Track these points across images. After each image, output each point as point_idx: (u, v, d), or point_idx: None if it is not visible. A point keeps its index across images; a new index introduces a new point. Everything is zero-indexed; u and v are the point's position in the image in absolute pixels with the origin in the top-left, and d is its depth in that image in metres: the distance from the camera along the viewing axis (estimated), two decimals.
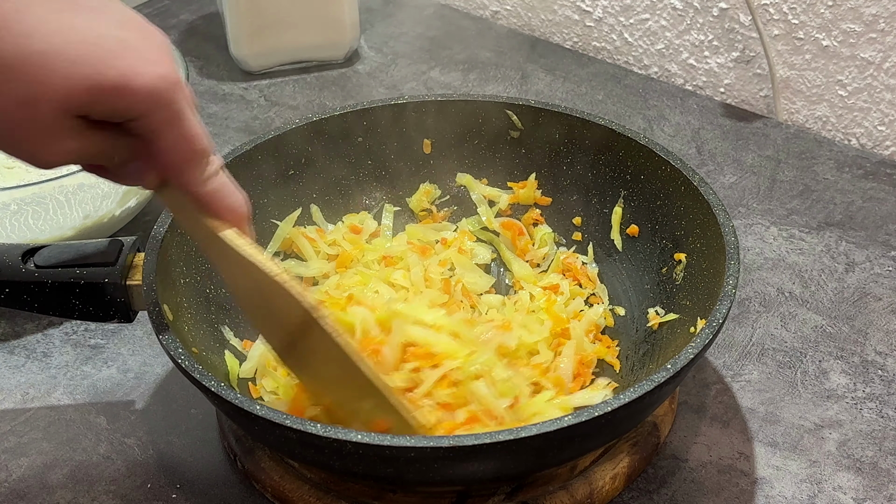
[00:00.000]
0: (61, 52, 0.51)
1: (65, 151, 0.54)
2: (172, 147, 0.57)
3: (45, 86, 0.51)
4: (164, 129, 0.56)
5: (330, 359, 0.66)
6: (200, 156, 0.59)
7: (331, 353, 0.66)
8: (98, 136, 0.55)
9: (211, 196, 0.61)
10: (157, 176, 0.60)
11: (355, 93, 1.16)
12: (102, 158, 0.57)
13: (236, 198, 0.62)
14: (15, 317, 0.87)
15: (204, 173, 0.60)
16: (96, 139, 0.55)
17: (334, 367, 0.66)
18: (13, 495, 0.73)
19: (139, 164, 0.59)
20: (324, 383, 0.69)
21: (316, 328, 0.65)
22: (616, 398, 0.62)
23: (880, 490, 0.72)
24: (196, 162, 0.59)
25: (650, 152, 0.81)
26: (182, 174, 0.59)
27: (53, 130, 0.53)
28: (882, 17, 1.01)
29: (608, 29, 1.21)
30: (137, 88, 0.53)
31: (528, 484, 0.70)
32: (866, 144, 1.07)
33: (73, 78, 0.52)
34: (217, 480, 0.74)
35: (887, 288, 0.88)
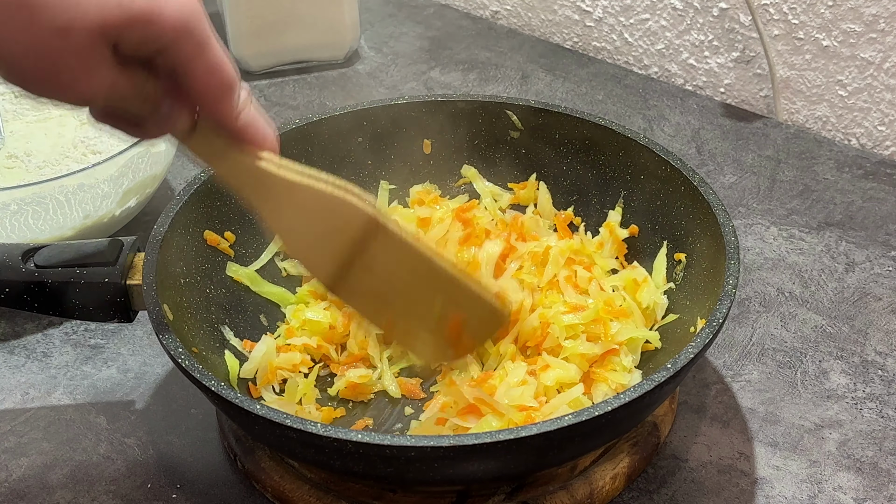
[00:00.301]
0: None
1: (99, 84, 0.54)
2: (203, 76, 0.57)
3: (80, 12, 0.51)
4: (194, 59, 0.56)
5: (395, 264, 0.65)
6: (231, 85, 0.59)
7: (396, 258, 0.64)
8: (130, 72, 0.55)
9: (245, 127, 0.60)
10: (189, 115, 0.59)
11: (355, 93, 1.16)
12: (135, 100, 0.57)
13: (269, 127, 0.62)
14: (15, 317, 0.87)
15: (236, 101, 0.60)
16: (128, 74, 0.55)
17: (400, 272, 0.65)
18: (13, 495, 0.73)
19: (170, 106, 0.59)
20: (385, 299, 0.67)
21: (379, 234, 0.63)
22: (616, 398, 0.62)
23: (880, 490, 0.72)
24: (228, 91, 0.59)
25: (650, 152, 0.81)
26: (215, 105, 0.59)
27: (89, 59, 0.53)
28: (882, 17, 1.01)
29: (608, 29, 1.21)
30: (166, 16, 0.53)
31: (528, 484, 0.70)
32: (866, 144, 1.07)
33: (105, 5, 0.52)
34: (217, 480, 0.74)
35: (887, 288, 0.88)
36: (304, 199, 0.62)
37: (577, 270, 0.80)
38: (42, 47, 0.52)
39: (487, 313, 0.67)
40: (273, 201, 0.63)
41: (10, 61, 0.53)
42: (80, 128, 0.97)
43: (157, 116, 0.59)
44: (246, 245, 0.83)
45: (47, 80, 0.54)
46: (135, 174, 0.88)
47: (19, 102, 1.00)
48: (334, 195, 0.62)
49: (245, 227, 0.83)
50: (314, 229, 0.64)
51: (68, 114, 0.99)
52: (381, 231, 0.64)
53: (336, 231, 0.63)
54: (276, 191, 0.62)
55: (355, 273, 0.65)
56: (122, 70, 0.55)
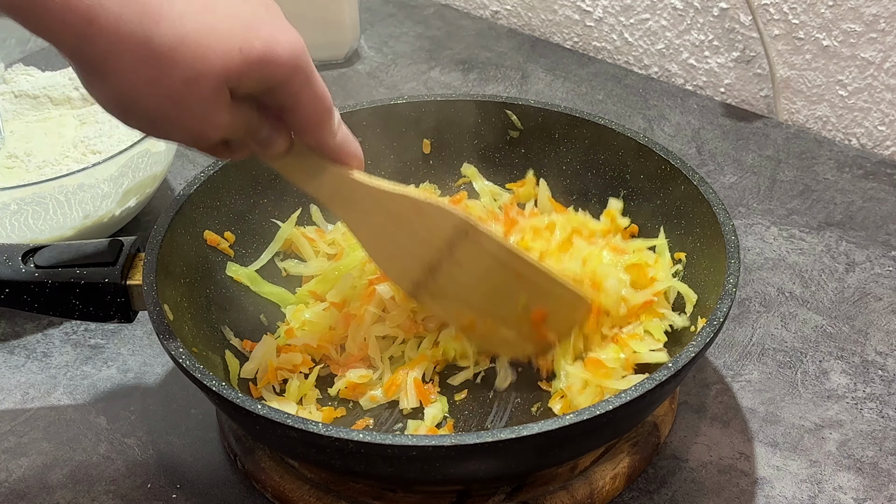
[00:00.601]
0: (213, 28, 0.55)
1: (222, 124, 0.58)
2: (310, 107, 0.61)
3: (206, 61, 0.54)
4: (302, 92, 0.60)
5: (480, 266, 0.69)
6: (331, 111, 0.63)
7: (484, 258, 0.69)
8: (244, 109, 0.59)
9: (340, 146, 0.65)
10: (286, 140, 0.64)
11: (355, 93, 1.16)
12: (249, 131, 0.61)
13: (356, 144, 0.67)
14: (15, 317, 0.87)
15: (335, 125, 0.64)
16: (244, 111, 0.59)
17: (485, 273, 0.69)
18: (13, 495, 0.73)
19: (268, 131, 0.62)
20: (467, 300, 0.71)
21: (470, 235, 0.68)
22: (616, 397, 0.62)
23: (881, 490, 0.72)
24: (329, 117, 0.63)
25: (650, 152, 0.81)
26: (318, 131, 0.63)
27: (214, 105, 0.56)
28: (882, 17, 1.01)
29: (608, 29, 1.21)
30: (280, 55, 0.57)
31: (528, 484, 0.70)
32: (866, 144, 1.07)
33: (227, 51, 0.55)
34: (217, 480, 0.74)
35: (887, 288, 0.88)
36: (395, 208, 0.67)
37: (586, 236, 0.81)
38: (172, 97, 0.55)
39: (571, 303, 0.71)
40: (363, 212, 0.68)
41: (142, 110, 0.56)
42: (80, 128, 0.97)
43: (255, 142, 0.63)
44: (246, 245, 0.83)
45: (174, 124, 0.57)
46: (135, 174, 0.88)
47: (19, 102, 1.00)
48: (427, 201, 0.67)
49: (245, 227, 0.83)
50: (401, 235, 0.68)
51: (68, 114, 0.99)
52: (471, 231, 0.68)
53: (425, 235, 0.68)
54: (367, 202, 0.67)
55: (439, 277, 0.70)
56: (237, 108, 0.58)
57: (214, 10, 0.55)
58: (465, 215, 0.69)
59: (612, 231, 0.84)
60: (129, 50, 0.53)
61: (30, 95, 1.00)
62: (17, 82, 1.01)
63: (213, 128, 0.58)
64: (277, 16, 0.59)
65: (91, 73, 0.55)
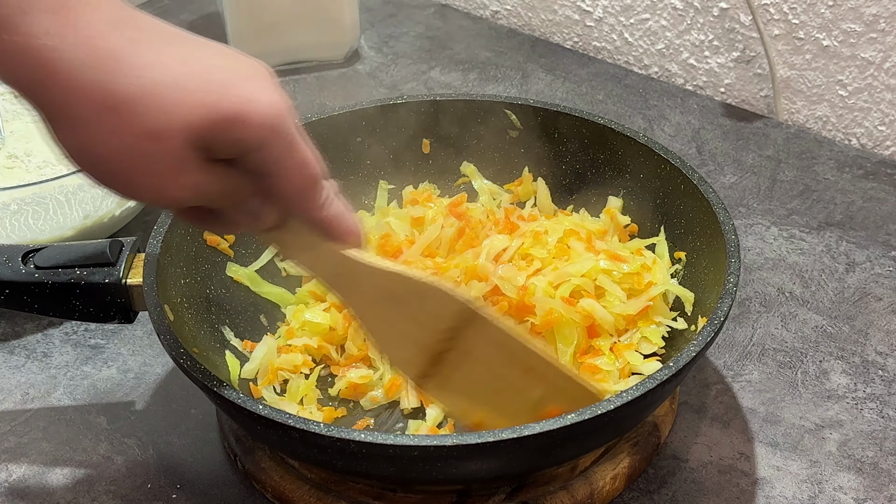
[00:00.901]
0: (181, 82, 0.51)
1: (187, 186, 0.53)
2: (292, 175, 0.56)
3: (170, 116, 0.51)
4: (283, 158, 0.55)
5: (489, 357, 0.63)
6: (317, 180, 0.58)
7: (489, 349, 0.63)
8: (216, 172, 0.54)
9: (331, 220, 0.60)
10: (277, 211, 0.58)
11: (355, 93, 1.16)
12: (221, 197, 0.56)
13: (354, 219, 0.61)
14: (15, 317, 0.87)
15: (324, 196, 0.58)
16: (215, 175, 0.54)
17: (495, 366, 0.64)
18: (13, 495, 0.73)
19: (257, 203, 0.57)
20: (477, 394, 0.65)
21: (475, 323, 0.62)
22: (617, 397, 0.62)
23: (881, 490, 0.72)
24: (315, 187, 0.57)
25: (650, 151, 0.81)
26: (303, 202, 0.58)
27: (178, 163, 0.52)
28: (882, 17, 1.01)
29: (608, 29, 1.21)
30: (255, 117, 0.52)
31: (528, 484, 0.70)
32: (867, 144, 1.07)
33: (195, 107, 0.51)
34: (217, 480, 0.73)
35: (888, 288, 0.88)
36: (394, 288, 0.62)
37: (583, 237, 0.81)
38: (130, 151, 0.51)
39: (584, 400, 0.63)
40: (362, 293, 0.62)
41: (102, 162, 0.52)
42: None
43: (244, 214, 0.58)
44: (246, 245, 0.83)
45: (134, 182, 0.53)
46: None
47: (19, 102, 1.00)
48: (427, 282, 0.62)
49: None
50: (404, 320, 0.63)
51: None
52: (476, 319, 0.63)
53: (428, 320, 0.63)
54: (366, 282, 0.61)
55: (446, 367, 0.64)
56: (210, 170, 0.54)
57: (188, 64, 0.52)
58: (470, 300, 0.62)
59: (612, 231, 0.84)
60: (89, 98, 0.50)
61: None
62: None
63: (178, 188, 0.53)
64: (262, 77, 0.54)
65: (51, 119, 0.51)
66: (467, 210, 0.84)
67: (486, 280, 0.77)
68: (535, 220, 0.84)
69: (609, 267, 0.76)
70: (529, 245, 0.79)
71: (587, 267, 0.76)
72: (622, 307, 0.75)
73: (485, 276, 0.77)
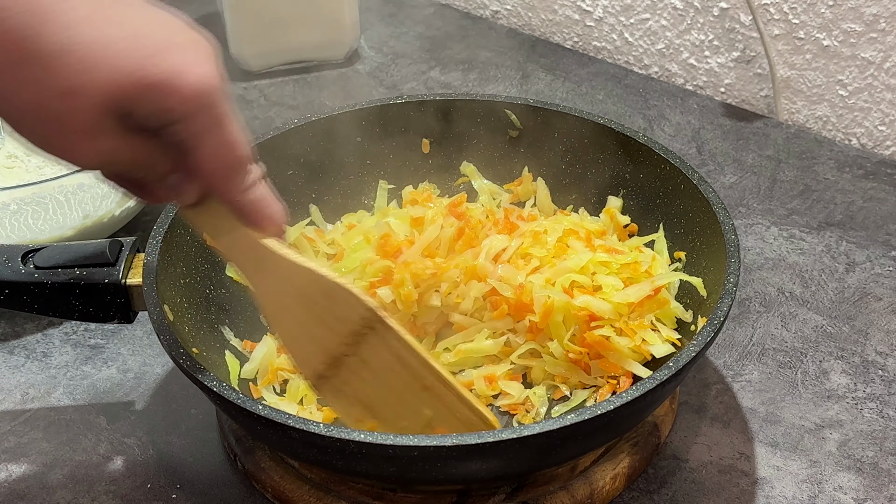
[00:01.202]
0: (108, 44, 0.49)
1: (102, 151, 0.52)
2: (214, 154, 0.54)
3: (89, 77, 0.49)
4: (207, 134, 0.53)
5: (387, 368, 0.63)
6: (242, 163, 0.56)
7: (389, 360, 0.63)
8: (136, 141, 0.53)
9: (251, 205, 0.58)
10: (198, 189, 0.57)
11: (355, 93, 1.16)
12: (140, 166, 0.55)
13: (277, 207, 0.60)
14: (15, 317, 0.87)
15: (245, 181, 0.57)
16: (134, 143, 0.53)
17: (391, 378, 0.63)
18: (13, 495, 0.73)
19: (178, 178, 0.57)
20: (369, 404, 0.65)
21: (377, 330, 0.62)
22: (618, 396, 0.62)
23: (881, 490, 0.72)
24: (238, 169, 0.56)
25: (649, 151, 0.81)
26: (224, 182, 0.57)
27: (93, 126, 0.51)
28: (882, 17, 1.01)
29: (608, 29, 1.21)
30: (183, 87, 0.51)
31: (528, 484, 0.70)
32: (867, 144, 1.07)
33: (118, 71, 0.49)
34: (217, 480, 0.73)
35: (888, 288, 0.88)
36: (303, 283, 0.61)
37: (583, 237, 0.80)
38: (45, 108, 0.50)
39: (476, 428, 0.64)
40: (272, 284, 0.62)
41: (13, 116, 0.51)
42: None
43: (164, 186, 0.57)
44: None
45: (48, 142, 0.52)
46: None
47: None
48: (336, 282, 0.61)
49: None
50: (309, 317, 0.62)
51: None
52: (380, 327, 0.62)
53: (333, 321, 0.62)
54: (277, 273, 0.61)
55: (344, 371, 0.64)
56: (129, 138, 0.52)
57: (121, 25, 0.50)
58: (377, 306, 0.62)
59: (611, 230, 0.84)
60: (8, 47, 0.48)
61: None
62: None
63: (92, 152, 0.52)
64: (198, 49, 0.53)
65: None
66: (467, 210, 0.84)
67: (486, 280, 0.77)
68: (535, 219, 0.84)
69: (606, 259, 0.76)
70: (529, 245, 0.79)
71: (584, 260, 0.76)
72: (622, 295, 0.75)
73: (484, 276, 0.77)
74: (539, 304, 0.74)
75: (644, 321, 0.74)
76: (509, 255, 0.78)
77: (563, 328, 0.74)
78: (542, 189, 0.88)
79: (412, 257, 0.79)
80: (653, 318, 0.75)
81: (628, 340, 0.73)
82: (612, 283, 0.75)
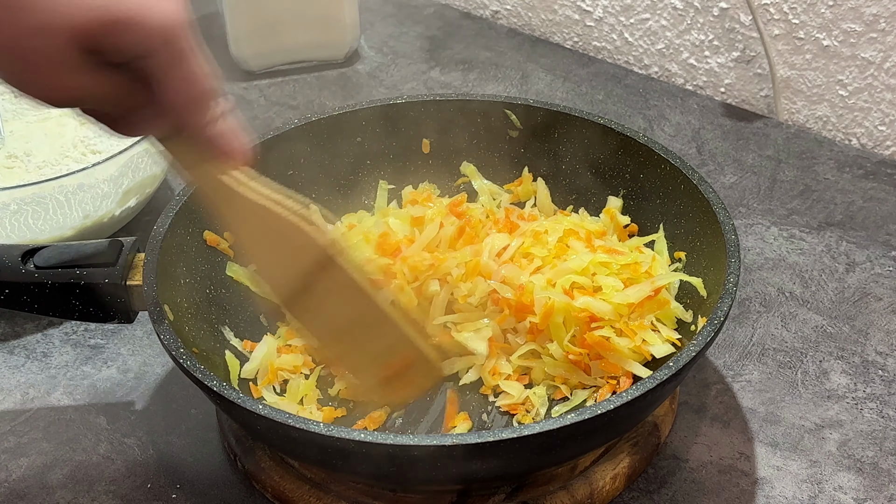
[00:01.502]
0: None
1: (74, 87, 0.54)
2: (180, 87, 0.56)
3: (60, 14, 0.51)
4: (172, 68, 0.55)
5: (345, 300, 0.65)
6: (208, 96, 0.58)
7: (346, 294, 0.65)
8: (107, 76, 0.55)
9: (217, 138, 0.60)
10: (167, 122, 0.59)
11: (355, 93, 1.16)
12: (111, 101, 0.57)
13: (243, 140, 0.62)
14: (15, 317, 0.87)
15: (211, 113, 0.59)
16: (105, 78, 0.55)
17: (349, 309, 0.66)
18: (13, 495, 0.73)
19: (148, 112, 0.58)
20: (335, 331, 0.68)
21: (331, 267, 0.64)
22: (617, 396, 0.62)
23: (881, 490, 0.72)
24: (203, 103, 0.58)
25: (649, 151, 0.81)
26: (189, 115, 0.58)
27: (64, 62, 0.52)
28: (882, 17, 1.01)
29: (608, 29, 1.21)
30: (148, 23, 0.53)
31: (528, 484, 0.70)
32: (867, 144, 1.07)
33: (86, 9, 0.51)
34: (217, 480, 0.73)
35: (888, 288, 0.88)
36: (261, 219, 0.63)
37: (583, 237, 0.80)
38: (17, 46, 0.52)
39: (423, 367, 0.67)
40: (238, 214, 0.64)
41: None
42: (79, 128, 0.97)
43: (135, 119, 0.59)
44: None
45: (20, 79, 0.54)
46: (135, 174, 0.88)
47: (19, 102, 1.00)
48: (289, 221, 0.63)
49: None
50: (275, 248, 0.64)
51: (68, 113, 0.99)
52: (331, 265, 0.64)
53: (291, 254, 0.64)
54: (241, 206, 0.63)
55: (310, 298, 0.66)
56: (98, 74, 0.54)
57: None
58: (329, 245, 0.64)
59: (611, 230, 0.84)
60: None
61: None
62: None
63: (64, 89, 0.54)
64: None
65: None
66: (468, 210, 0.84)
67: (490, 277, 0.77)
68: (535, 219, 0.84)
69: (606, 259, 0.76)
70: (530, 245, 0.79)
71: (585, 261, 0.76)
72: (622, 296, 0.75)
73: (488, 274, 0.77)
74: (539, 305, 0.74)
75: (644, 321, 0.74)
76: (510, 254, 0.78)
77: (563, 329, 0.74)
78: (542, 189, 0.88)
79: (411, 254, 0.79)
80: (653, 319, 0.75)
81: (628, 341, 0.73)
82: (612, 283, 0.75)
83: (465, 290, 0.77)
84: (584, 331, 0.74)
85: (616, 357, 0.73)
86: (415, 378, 0.68)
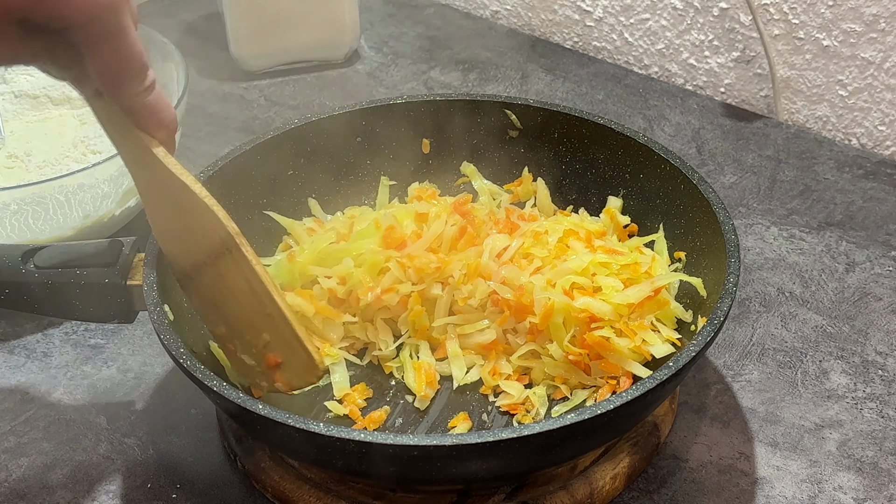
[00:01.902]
0: None
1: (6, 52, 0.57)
2: (106, 61, 0.59)
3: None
4: (100, 43, 0.58)
5: (238, 288, 0.68)
6: (135, 72, 0.60)
7: (240, 282, 0.68)
8: (36, 42, 0.57)
9: (142, 110, 0.63)
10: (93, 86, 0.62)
11: (355, 93, 1.16)
12: (40, 62, 0.60)
13: (168, 113, 0.64)
14: (15, 317, 0.87)
15: (138, 88, 0.61)
16: (34, 44, 0.57)
17: (240, 297, 0.68)
18: (13, 495, 0.73)
19: (78, 72, 0.61)
20: (222, 313, 0.70)
21: (233, 254, 0.67)
22: (617, 396, 0.62)
23: (881, 490, 0.72)
24: (130, 78, 0.60)
25: (649, 151, 0.82)
26: (115, 88, 0.61)
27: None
28: (882, 17, 1.01)
29: (608, 29, 1.21)
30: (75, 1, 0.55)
31: (528, 484, 0.70)
32: (867, 144, 1.07)
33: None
34: (217, 480, 0.73)
35: (888, 288, 0.88)
36: (176, 193, 0.66)
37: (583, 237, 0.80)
38: None
39: (304, 363, 0.69)
40: (151, 182, 0.66)
41: None
42: (80, 128, 0.97)
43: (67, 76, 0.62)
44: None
45: None
46: None
47: (19, 102, 1.00)
48: (203, 201, 0.66)
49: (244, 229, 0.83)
50: (179, 222, 0.67)
51: (68, 114, 0.99)
52: (234, 251, 0.67)
53: (198, 234, 0.67)
54: (156, 175, 0.66)
55: (204, 278, 0.69)
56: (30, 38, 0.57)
57: None
58: (236, 232, 0.67)
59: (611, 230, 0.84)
60: None
61: (30, 95, 1.00)
62: (17, 82, 1.01)
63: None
64: None
65: None
66: (472, 209, 0.84)
67: (490, 278, 0.77)
68: (535, 220, 0.84)
69: (606, 260, 0.76)
70: (530, 245, 0.79)
71: (585, 262, 0.76)
72: (622, 296, 0.74)
73: (488, 275, 0.77)
74: (539, 305, 0.74)
75: (644, 322, 0.74)
76: (510, 254, 0.78)
77: (563, 330, 0.74)
78: (542, 189, 0.88)
79: (417, 251, 0.79)
80: (653, 319, 0.75)
81: (628, 341, 0.73)
82: (612, 284, 0.75)
83: (466, 293, 0.77)
84: (583, 331, 0.74)
85: (616, 357, 0.73)
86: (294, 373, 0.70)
